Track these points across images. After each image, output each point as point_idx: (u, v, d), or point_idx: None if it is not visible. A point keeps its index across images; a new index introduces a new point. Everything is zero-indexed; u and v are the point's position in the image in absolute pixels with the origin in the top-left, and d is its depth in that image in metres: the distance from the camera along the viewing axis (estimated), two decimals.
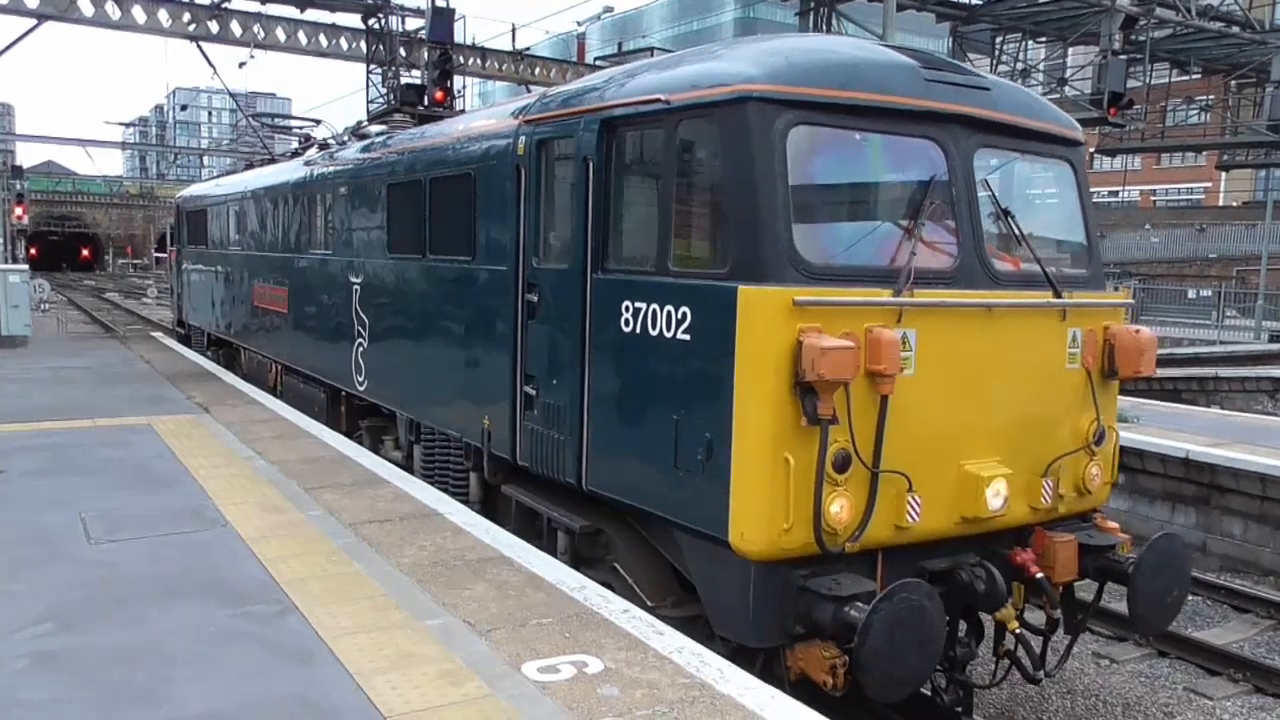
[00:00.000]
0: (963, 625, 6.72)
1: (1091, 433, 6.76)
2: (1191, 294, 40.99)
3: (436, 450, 9.42)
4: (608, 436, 6.73)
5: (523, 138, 7.64)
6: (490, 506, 8.68)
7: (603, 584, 6.62)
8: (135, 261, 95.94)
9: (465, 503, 8.49)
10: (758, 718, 4.45)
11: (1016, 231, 6.45)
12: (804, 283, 5.60)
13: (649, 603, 6.66)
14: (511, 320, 7.74)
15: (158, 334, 24.68)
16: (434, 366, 9.28)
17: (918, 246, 5.95)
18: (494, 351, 8.06)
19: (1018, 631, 6.55)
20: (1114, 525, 6.99)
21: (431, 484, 8.91)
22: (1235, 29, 26.77)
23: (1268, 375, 22.57)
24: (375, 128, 13.64)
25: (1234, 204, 62.93)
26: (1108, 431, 6.85)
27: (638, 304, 6.36)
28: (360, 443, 10.98)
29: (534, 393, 7.49)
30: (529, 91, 13.74)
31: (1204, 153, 44.43)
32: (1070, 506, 6.77)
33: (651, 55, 7.95)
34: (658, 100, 6.24)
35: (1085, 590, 7.11)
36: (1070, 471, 6.68)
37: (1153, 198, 72.11)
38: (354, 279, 11.25)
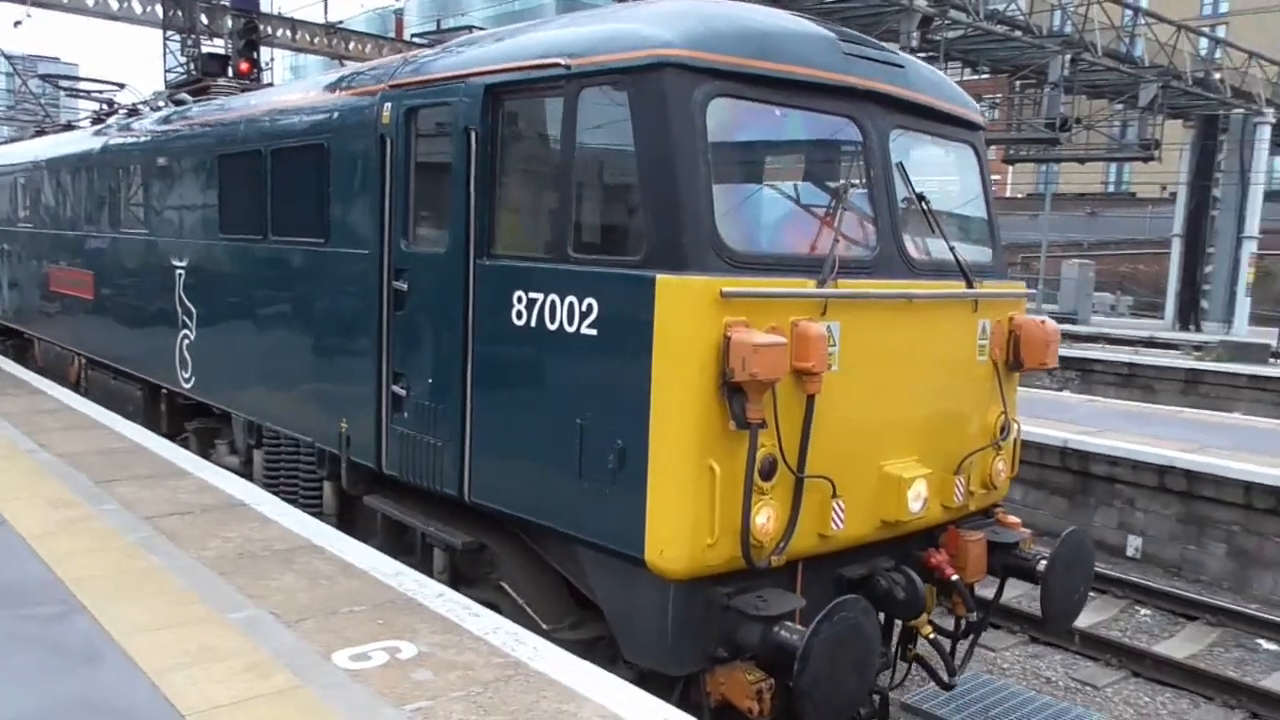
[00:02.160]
0: None
1: (999, 426, 6.55)
2: None
3: (283, 456, 8.38)
4: (495, 443, 6.01)
5: (388, 105, 6.76)
6: (348, 520, 7.78)
7: (488, 605, 5.92)
8: None
9: (318, 515, 7.56)
10: (572, 693, 4.51)
11: (931, 219, 6.12)
12: (728, 272, 5.06)
13: (544, 625, 6.00)
14: (375, 311, 6.88)
15: None
16: (280, 362, 8.24)
17: (840, 233, 5.51)
18: (353, 346, 7.16)
19: (931, 636, 6.30)
20: (1015, 520, 6.82)
21: (277, 494, 7.92)
22: (1018, 33, 28.27)
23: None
24: (186, 97, 12.25)
25: (1019, 195, 66.91)
26: (1011, 424, 6.67)
27: (532, 294, 5.66)
28: (186, 446, 9.76)
29: (404, 393, 6.67)
30: (343, 66, 12.65)
31: (991, 147, 46.99)
32: (978, 503, 6.55)
33: (470, 34, 7.30)
34: (556, 64, 5.54)
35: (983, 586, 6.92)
36: (979, 467, 6.45)
37: None
38: (177, 262, 9.96)
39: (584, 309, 5.37)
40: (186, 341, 9.82)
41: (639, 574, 5.22)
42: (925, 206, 6.07)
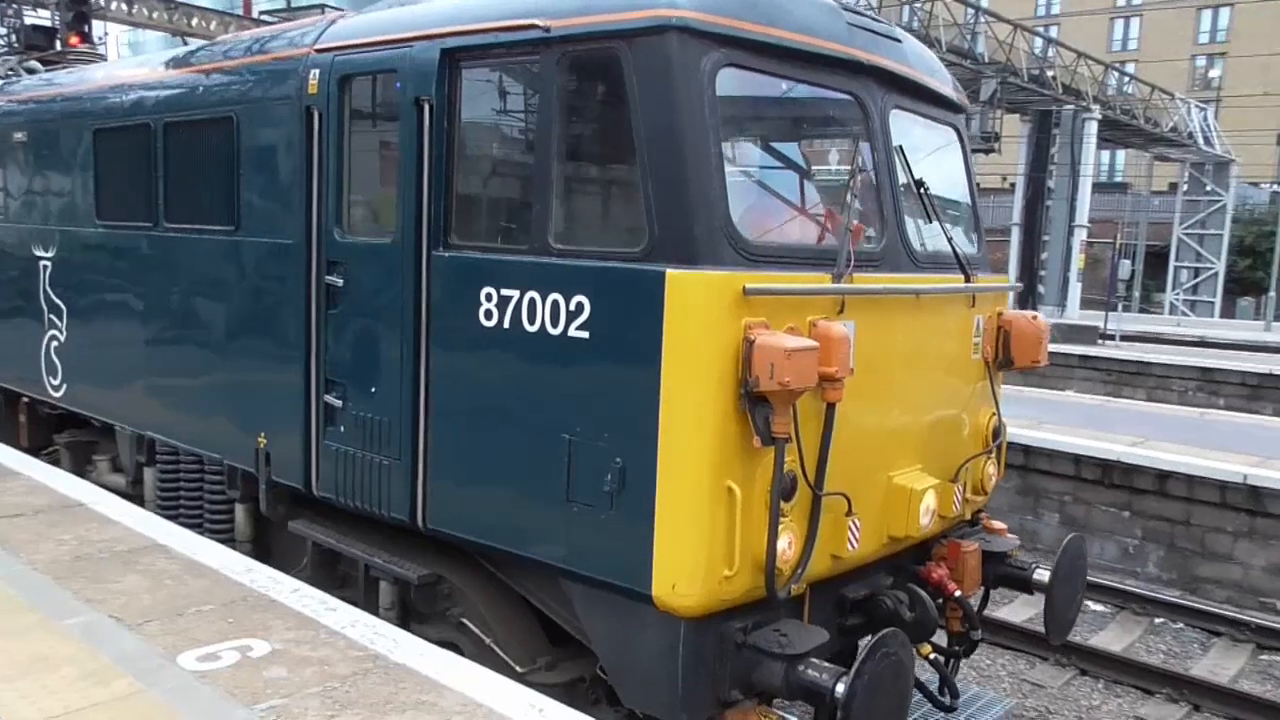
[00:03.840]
0: None
1: (991, 429, 6.16)
2: None
3: (182, 476, 7.30)
4: (458, 462, 5.24)
5: (316, 71, 5.85)
6: (266, 547, 6.83)
7: (445, 644, 5.17)
8: None
9: (228, 543, 6.59)
10: (432, 683, 4.42)
11: (929, 206, 5.65)
12: (743, 266, 4.45)
13: (516, 668, 5.28)
14: (302, 309, 5.97)
15: None
16: (178, 368, 7.16)
17: (852, 222, 4.96)
18: (273, 349, 6.23)
19: (931, 657, 5.85)
20: (1001, 525, 6.45)
21: (177, 520, 6.89)
22: (966, 61, 30.51)
23: None
24: (38, 65, 10.84)
25: None
26: (1003, 426, 6.29)
27: (506, 291, 4.92)
28: (55, 462, 8.53)
29: (340, 404, 5.80)
30: (186, 44, 11.38)
31: None
32: (970, 510, 6.15)
33: (323, 14, 6.51)
34: (532, 26, 4.78)
35: None
36: (974, 472, 6.05)
37: None
38: (41, 253, 8.67)
39: (572, 308, 4.66)
40: (55, 344, 8.55)
41: (643, 611, 4.58)
42: (925, 193, 5.59)
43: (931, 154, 5.89)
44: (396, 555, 5.72)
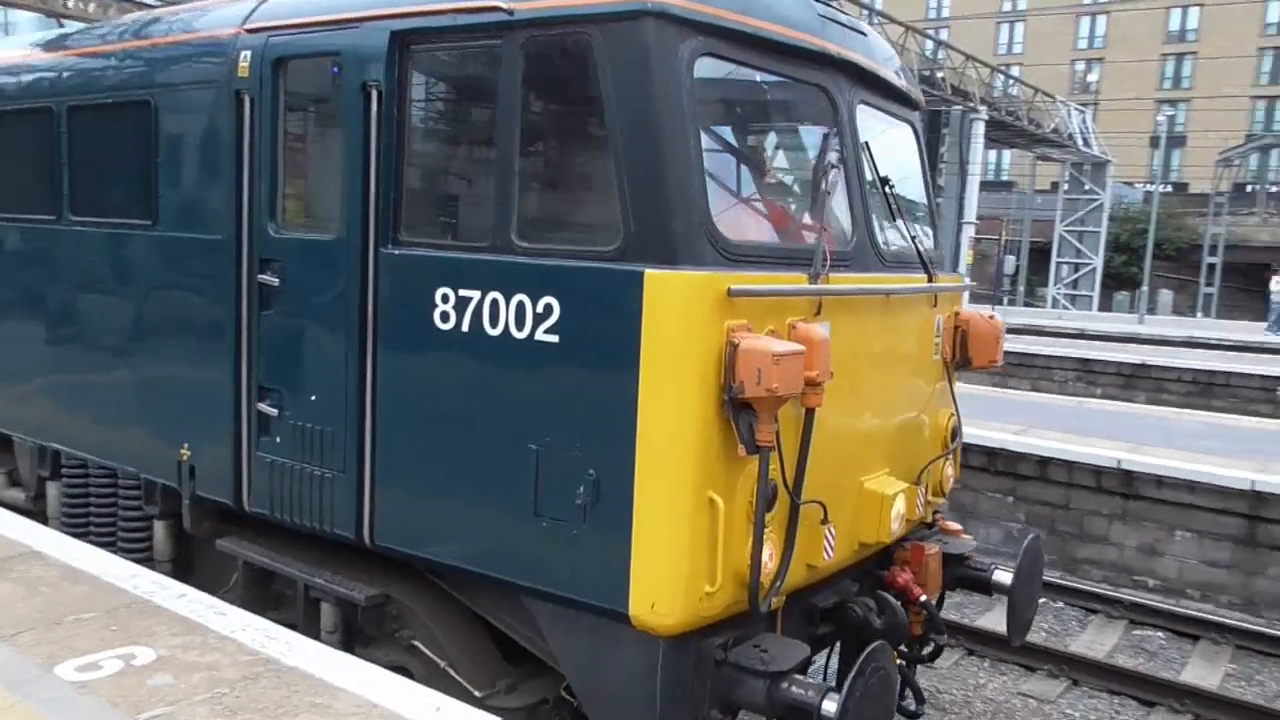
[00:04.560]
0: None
1: (950, 429, 6.10)
2: None
3: (92, 491, 6.71)
4: (409, 474, 4.90)
5: (247, 53, 5.40)
6: (186, 566, 6.33)
7: (393, 668, 4.83)
8: None
9: (146, 563, 6.09)
10: (326, 685, 4.32)
11: (894, 204, 5.54)
12: (724, 266, 4.24)
13: (475, 692, 4.98)
14: (231, 310, 5.52)
15: None
16: (87, 376, 6.57)
17: (827, 221, 4.80)
18: (199, 354, 5.75)
19: (898, 663, 5.75)
20: (957, 526, 6.40)
21: (87, 539, 6.34)
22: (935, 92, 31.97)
23: None
24: None
25: None
26: (961, 427, 6.24)
27: (464, 292, 4.60)
28: None
29: (275, 412, 5.38)
30: (61, 26, 10.57)
31: None
32: (928, 512, 6.08)
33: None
34: (494, 8, 4.47)
35: None
36: (934, 474, 5.98)
37: None
38: None
39: (539, 310, 4.38)
40: None
41: (619, 631, 4.34)
42: (890, 190, 5.47)
43: (892, 150, 5.78)
44: (338, 574, 5.34)
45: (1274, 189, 60.29)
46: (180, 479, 5.91)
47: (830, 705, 4.17)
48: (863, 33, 5.42)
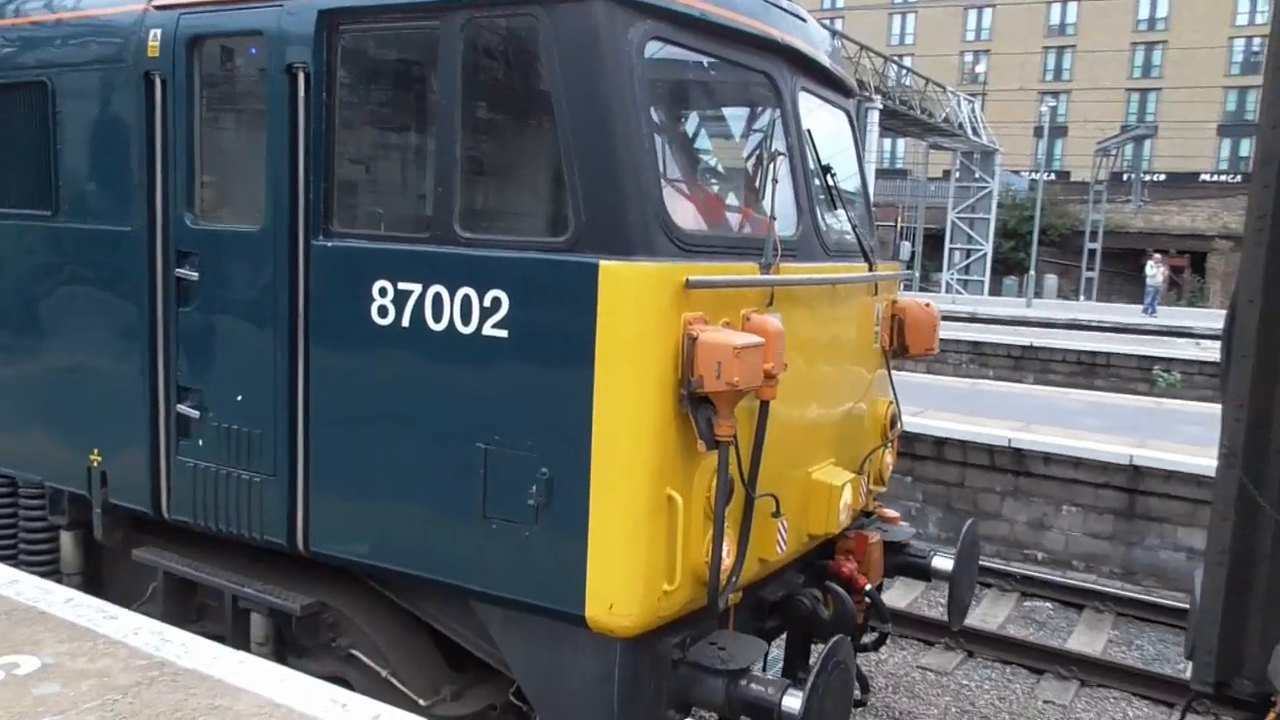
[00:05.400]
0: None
1: (889, 418, 6.12)
2: None
3: None
4: (347, 477, 4.66)
5: (157, 31, 5.04)
6: (97, 579, 5.94)
7: (331, 679, 4.62)
8: None
9: (52, 575, 5.70)
10: (226, 686, 4.19)
11: (835, 193, 5.50)
12: (678, 256, 4.13)
13: (420, 701, 4.78)
14: (144, 306, 5.17)
15: None
16: None
17: (775, 210, 4.72)
18: (109, 354, 5.38)
19: None
20: (895, 514, 6.44)
21: None
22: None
23: None
24: None
25: None
26: (900, 416, 6.27)
27: (403, 285, 4.39)
28: None
29: (196, 414, 5.07)
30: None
31: None
32: (869, 501, 6.09)
33: None
34: None
35: None
36: (875, 462, 5.99)
37: None
38: None
39: (487, 304, 4.20)
40: None
41: (574, 634, 4.21)
42: (832, 179, 5.44)
43: (830, 138, 5.75)
44: (268, 581, 5.07)
45: (1148, 178, 63.02)
46: (90, 486, 5.53)
47: (792, 701, 4.12)
48: (802, 19, 5.36)
